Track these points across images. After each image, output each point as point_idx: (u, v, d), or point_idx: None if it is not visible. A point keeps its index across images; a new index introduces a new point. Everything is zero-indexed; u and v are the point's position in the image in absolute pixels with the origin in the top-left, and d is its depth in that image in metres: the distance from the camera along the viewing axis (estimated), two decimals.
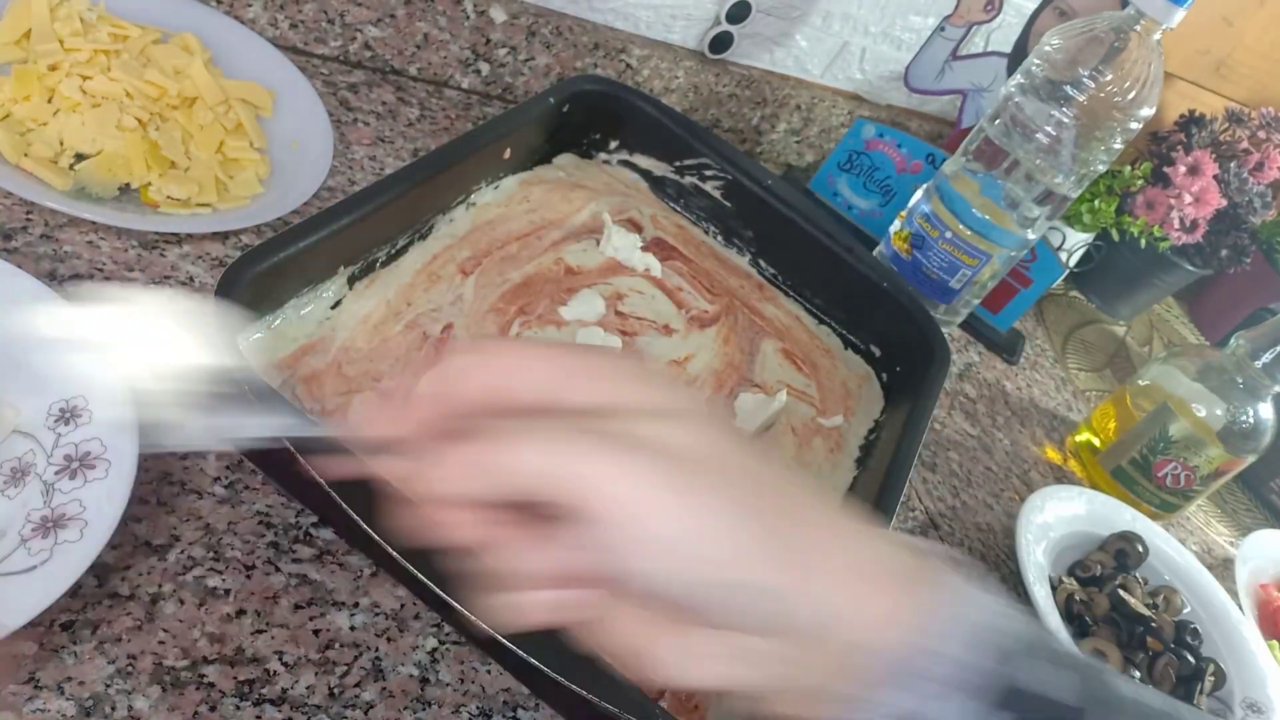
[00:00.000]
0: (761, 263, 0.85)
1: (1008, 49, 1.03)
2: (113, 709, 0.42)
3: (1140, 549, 0.83)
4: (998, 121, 0.85)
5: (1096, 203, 1.09)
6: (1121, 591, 0.78)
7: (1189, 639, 0.79)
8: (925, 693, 0.31)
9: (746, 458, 0.32)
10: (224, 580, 0.48)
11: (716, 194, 0.84)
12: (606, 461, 0.28)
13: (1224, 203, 1.12)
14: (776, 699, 0.33)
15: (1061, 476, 0.95)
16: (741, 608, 0.30)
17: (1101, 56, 0.79)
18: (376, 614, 0.50)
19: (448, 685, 0.49)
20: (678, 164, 0.84)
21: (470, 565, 0.31)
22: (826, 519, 0.32)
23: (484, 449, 0.29)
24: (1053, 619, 0.72)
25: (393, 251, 0.65)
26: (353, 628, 0.49)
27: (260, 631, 0.47)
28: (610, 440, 0.29)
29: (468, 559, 0.31)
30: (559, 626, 0.32)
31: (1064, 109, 0.80)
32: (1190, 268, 1.19)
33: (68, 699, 0.41)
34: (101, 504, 0.44)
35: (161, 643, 0.44)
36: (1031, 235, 0.89)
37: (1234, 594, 0.87)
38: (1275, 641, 0.86)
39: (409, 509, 0.31)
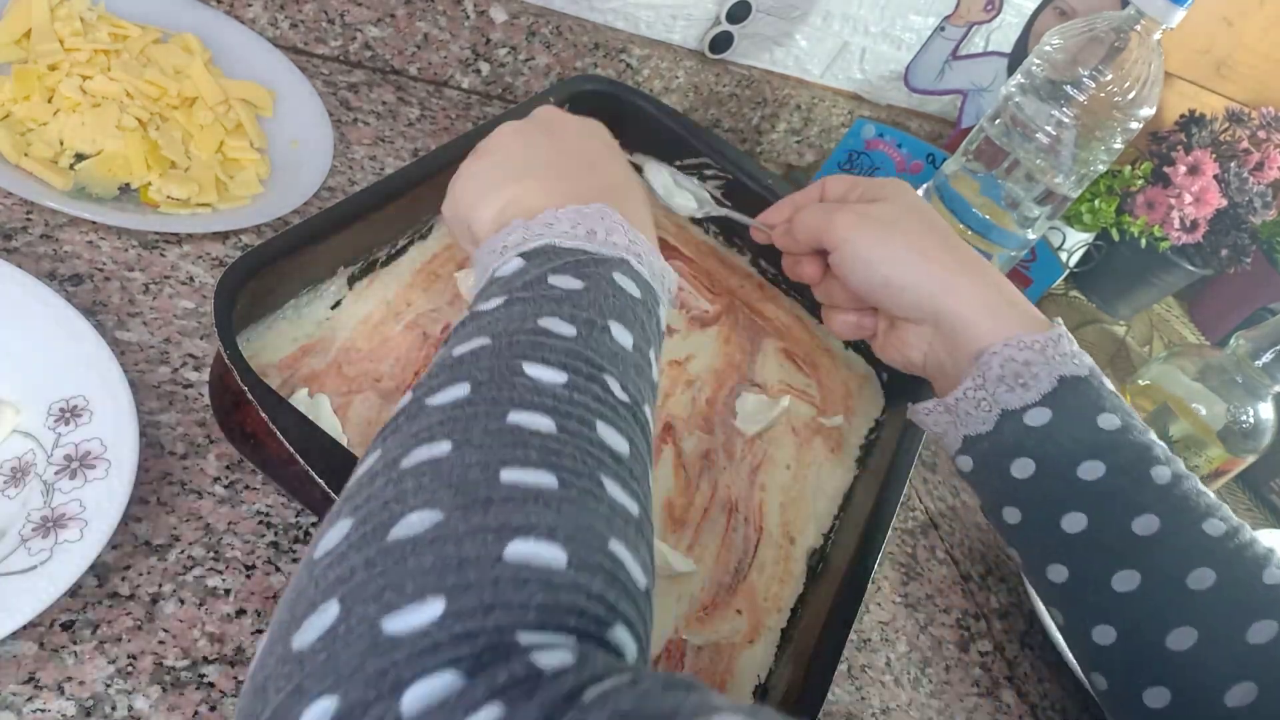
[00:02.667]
0: (762, 263, 0.85)
1: (1008, 49, 1.03)
2: (113, 709, 0.42)
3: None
4: (998, 121, 0.85)
5: (1097, 202, 1.09)
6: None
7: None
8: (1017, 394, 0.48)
9: (925, 218, 0.54)
10: (224, 580, 0.48)
11: (717, 194, 0.84)
12: (841, 218, 0.53)
13: (1224, 203, 1.12)
14: (930, 373, 0.54)
15: None
16: (910, 301, 0.51)
17: (1101, 56, 0.79)
18: None
19: None
20: (678, 164, 0.84)
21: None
22: (975, 260, 0.52)
23: (800, 219, 0.56)
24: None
25: (393, 252, 0.65)
26: None
27: (260, 631, 0.47)
28: (846, 209, 0.54)
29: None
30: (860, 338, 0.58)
31: (1064, 109, 0.80)
32: (1190, 268, 1.19)
33: (68, 699, 0.41)
34: (102, 504, 0.44)
35: (161, 643, 0.44)
36: (1032, 235, 0.89)
37: None
38: None
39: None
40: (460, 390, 0.33)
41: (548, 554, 0.27)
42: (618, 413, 0.35)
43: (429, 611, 0.25)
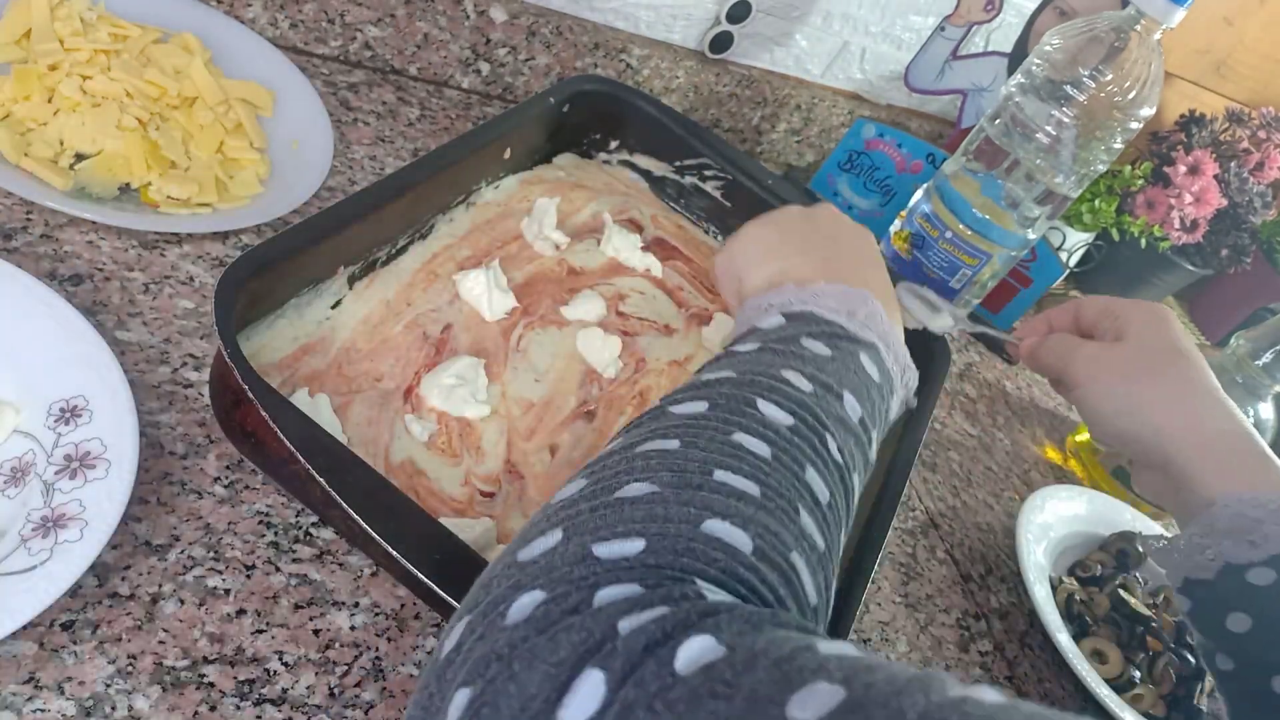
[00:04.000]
0: None
1: (1008, 49, 1.03)
2: (113, 709, 0.42)
3: (1140, 549, 0.83)
4: (998, 121, 0.85)
5: (1097, 202, 1.09)
6: (1122, 591, 0.78)
7: (1189, 639, 0.79)
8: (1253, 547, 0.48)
9: (1170, 358, 0.54)
10: (224, 580, 0.48)
11: (717, 194, 0.84)
12: (1081, 363, 0.57)
13: (1224, 202, 1.12)
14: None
15: (1062, 476, 0.95)
16: (1141, 450, 0.54)
17: (1102, 56, 0.79)
18: (376, 614, 0.50)
19: None
20: (678, 164, 0.84)
21: None
22: (1216, 405, 0.53)
23: (1046, 349, 0.61)
24: (1052, 619, 0.72)
25: (393, 251, 0.65)
26: (353, 628, 0.49)
27: (260, 631, 0.47)
28: (1088, 351, 0.57)
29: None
30: None
31: (1064, 109, 0.80)
32: (1190, 268, 1.19)
33: (68, 699, 0.41)
34: (101, 504, 0.44)
35: (161, 643, 0.44)
36: (1032, 235, 0.89)
37: None
38: None
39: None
40: (699, 406, 0.39)
41: (738, 537, 0.32)
42: (828, 466, 0.38)
43: (632, 546, 0.30)
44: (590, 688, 0.26)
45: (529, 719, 0.26)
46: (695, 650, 0.26)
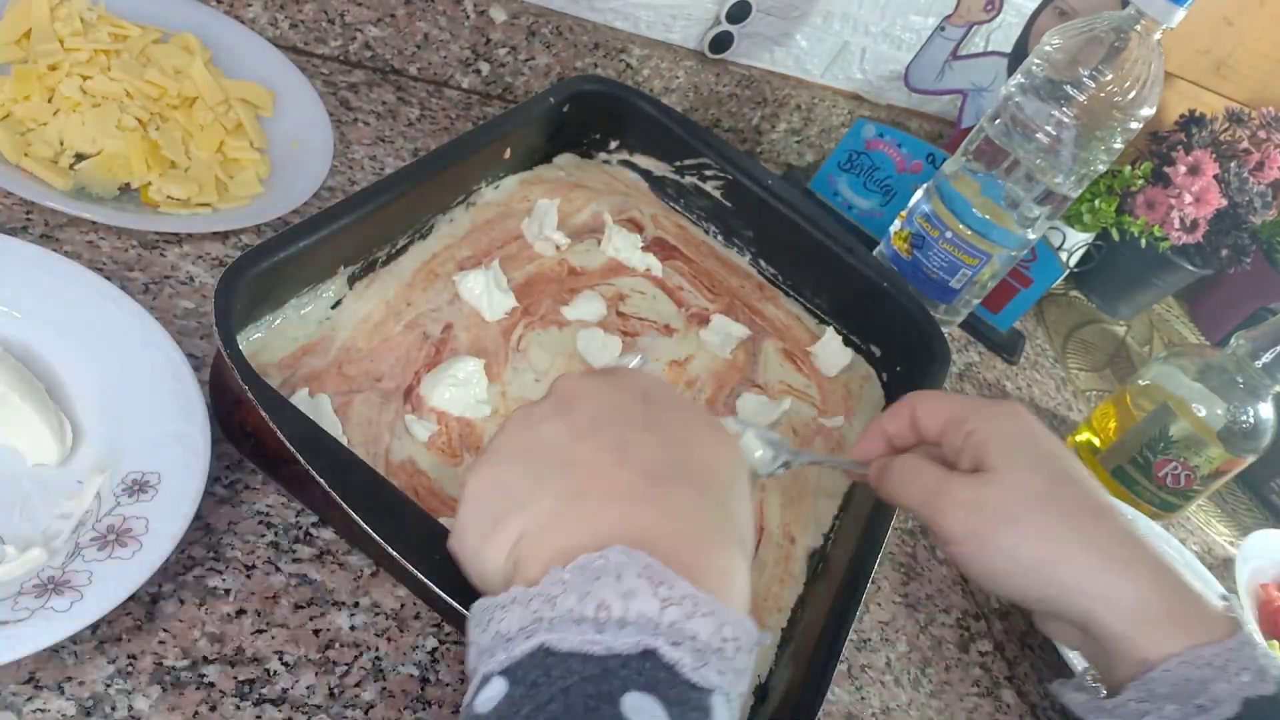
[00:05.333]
0: (762, 263, 0.85)
1: (1008, 49, 1.03)
2: (113, 709, 0.42)
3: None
4: (998, 121, 0.85)
5: (1097, 202, 1.09)
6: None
7: None
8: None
9: (1053, 488, 0.46)
10: (224, 580, 0.48)
11: (717, 194, 0.84)
12: (948, 513, 0.47)
13: (1224, 202, 1.12)
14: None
15: None
16: (1051, 609, 0.46)
17: (1102, 56, 0.79)
18: (376, 614, 0.50)
19: (448, 685, 0.49)
20: (678, 164, 0.84)
21: None
22: (1124, 541, 0.45)
23: (894, 481, 0.51)
24: None
25: (393, 251, 0.65)
26: (353, 628, 0.49)
27: (260, 631, 0.47)
28: (950, 492, 0.47)
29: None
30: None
31: (1064, 109, 0.80)
32: (1190, 268, 1.19)
33: (68, 699, 0.41)
34: (109, 583, 0.42)
35: (161, 643, 0.44)
36: (1032, 235, 0.89)
37: (1234, 594, 0.87)
38: (1275, 641, 0.86)
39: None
40: None
41: None
42: None
43: None
44: None
45: None
46: None
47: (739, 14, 0.97)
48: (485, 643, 0.33)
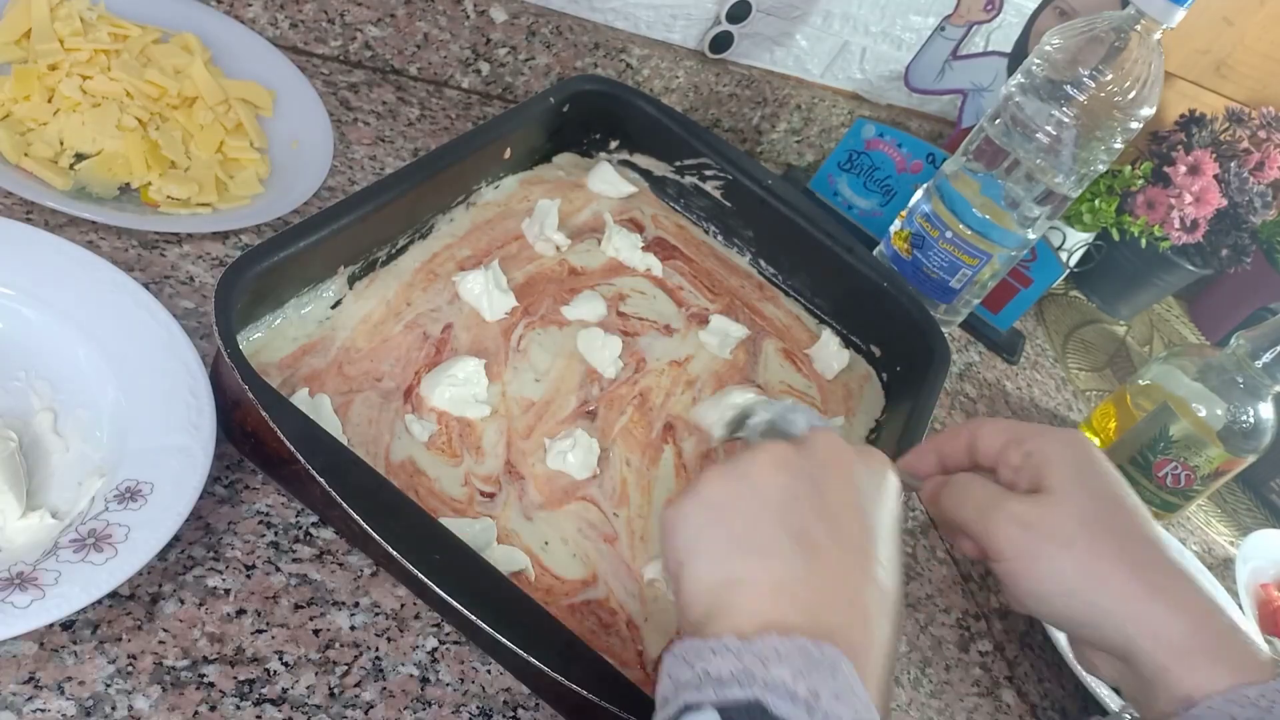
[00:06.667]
0: (761, 263, 0.85)
1: (1008, 49, 1.03)
2: (113, 709, 0.42)
3: None
4: (998, 121, 0.85)
5: (1097, 202, 1.09)
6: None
7: None
8: None
9: (1105, 515, 0.45)
10: (224, 580, 0.48)
11: (717, 194, 0.84)
12: (1001, 531, 0.46)
13: (1224, 202, 1.12)
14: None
15: None
16: (1094, 636, 0.45)
17: (1102, 56, 0.79)
18: (376, 614, 0.50)
19: (448, 685, 0.49)
20: (678, 164, 0.84)
21: None
22: (1171, 571, 0.44)
23: (950, 501, 0.49)
24: None
25: (393, 251, 0.65)
26: (353, 628, 0.49)
27: (260, 631, 0.47)
28: (1005, 513, 0.46)
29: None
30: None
31: (1064, 109, 0.80)
32: (1190, 267, 1.19)
33: (68, 699, 0.41)
34: (74, 588, 0.41)
35: (161, 643, 0.44)
36: (1032, 235, 0.89)
37: (1234, 594, 0.87)
38: (1276, 641, 0.86)
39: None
40: None
41: None
42: None
43: None
44: None
45: None
46: None
47: (739, 14, 0.97)
48: (687, 677, 0.35)
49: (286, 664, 0.46)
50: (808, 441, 0.43)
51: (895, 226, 0.94)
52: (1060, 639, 0.71)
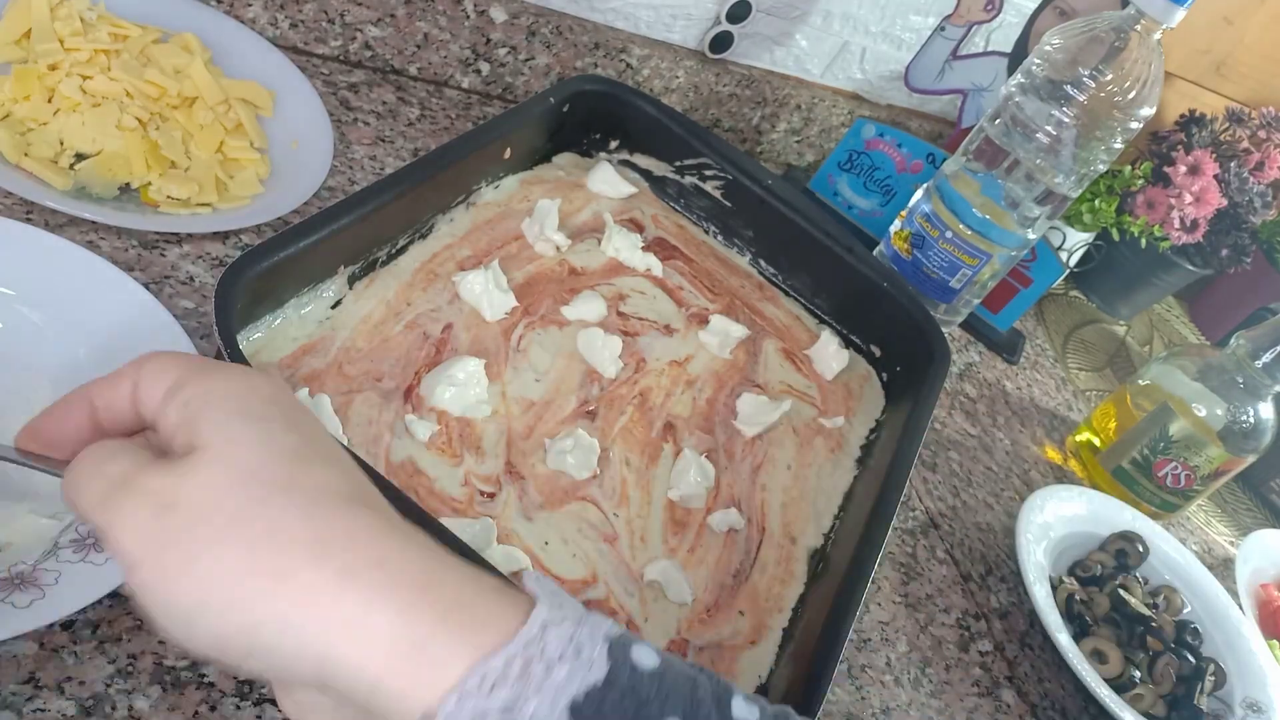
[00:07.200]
0: (761, 263, 0.85)
1: (1008, 49, 1.03)
2: (113, 709, 0.42)
3: (1140, 549, 0.83)
4: (998, 121, 0.85)
5: (1097, 202, 1.09)
6: (1122, 591, 0.78)
7: (1189, 639, 0.79)
8: None
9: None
10: None
11: (717, 194, 0.84)
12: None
13: (1224, 202, 1.12)
14: None
15: (1062, 476, 0.95)
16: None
17: (1102, 56, 0.79)
18: None
19: None
20: (678, 164, 0.84)
21: None
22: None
23: None
24: (1052, 618, 0.72)
25: (393, 251, 0.65)
26: None
27: None
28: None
29: None
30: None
31: (1064, 109, 0.80)
32: (1190, 267, 1.19)
33: (68, 699, 0.41)
34: (71, 589, 0.41)
35: (161, 643, 0.44)
36: (1032, 235, 0.89)
37: (1234, 594, 0.87)
38: (1276, 641, 0.86)
39: None
40: None
41: None
42: None
43: None
44: None
45: None
46: None
47: (739, 14, 0.97)
48: None
49: None
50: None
51: (895, 226, 0.94)
52: (1061, 638, 0.71)
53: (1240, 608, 0.85)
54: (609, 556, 0.57)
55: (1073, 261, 1.14)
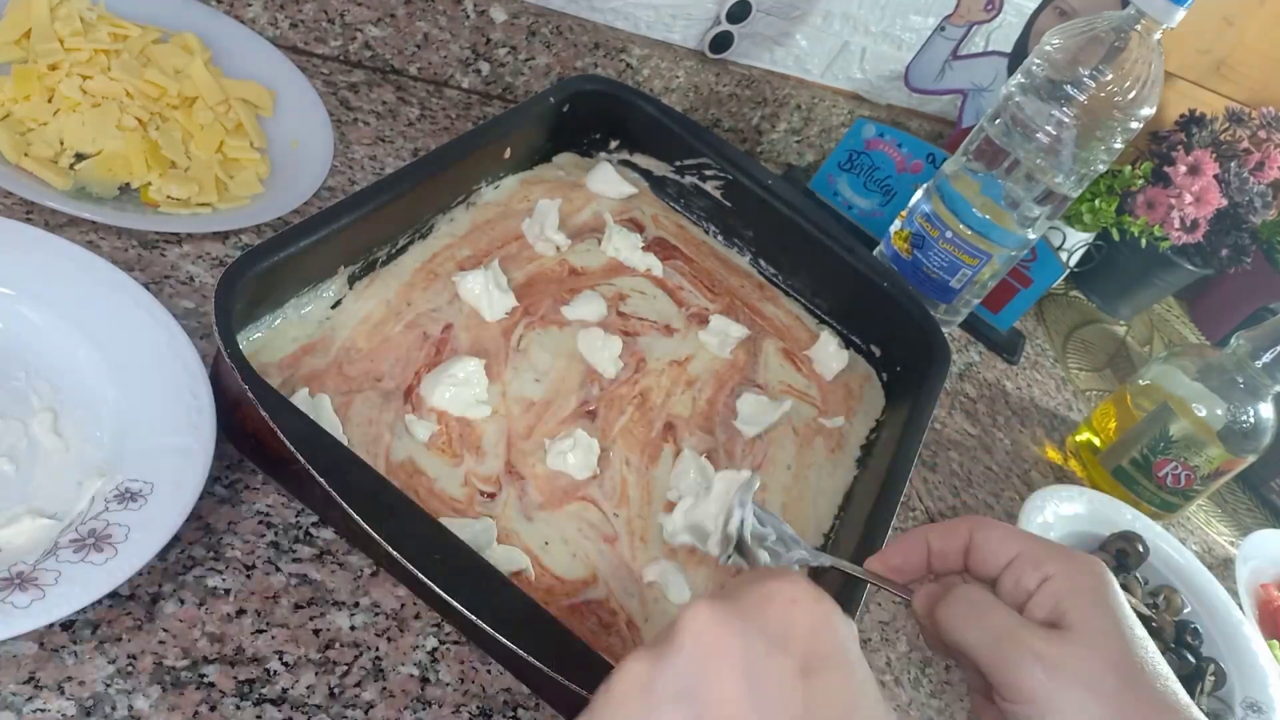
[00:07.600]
0: (761, 262, 0.85)
1: (1008, 48, 1.03)
2: (113, 709, 0.42)
3: (1140, 549, 0.83)
4: (998, 121, 0.85)
5: (1097, 202, 1.09)
6: (1122, 591, 0.78)
7: (1189, 639, 0.79)
8: None
9: (1129, 663, 0.41)
10: (224, 580, 0.48)
11: (717, 194, 0.84)
12: (1024, 666, 0.39)
13: (1224, 202, 1.12)
14: None
15: (1062, 476, 0.95)
16: None
17: (1102, 56, 0.79)
18: (376, 614, 0.50)
19: (448, 685, 0.49)
20: (678, 164, 0.84)
21: None
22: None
23: (952, 617, 0.42)
24: None
25: (393, 251, 0.65)
26: (353, 628, 0.49)
27: (260, 631, 0.47)
28: (1026, 645, 0.40)
29: None
30: None
31: (1064, 109, 0.80)
32: (1190, 267, 1.19)
33: (68, 699, 0.41)
34: (74, 587, 0.41)
35: (161, 643, 0.44)
36: (1032, 235, 0.89)
37: (1234, 594, 0.87)
38: (1275, 641, 0.86)
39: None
40: None
41: None
42: None
43: None
44: None
45: None
46: None
47: (739, 14, 0.97)
48: None
49: (286, 664, 0.46)
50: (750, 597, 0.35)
51: (895, 226, 0.94)
52: None
53: (1240, 608, 0.85)
54: (609, 557, 0.57)
55: (1073, 261, 1.14)
